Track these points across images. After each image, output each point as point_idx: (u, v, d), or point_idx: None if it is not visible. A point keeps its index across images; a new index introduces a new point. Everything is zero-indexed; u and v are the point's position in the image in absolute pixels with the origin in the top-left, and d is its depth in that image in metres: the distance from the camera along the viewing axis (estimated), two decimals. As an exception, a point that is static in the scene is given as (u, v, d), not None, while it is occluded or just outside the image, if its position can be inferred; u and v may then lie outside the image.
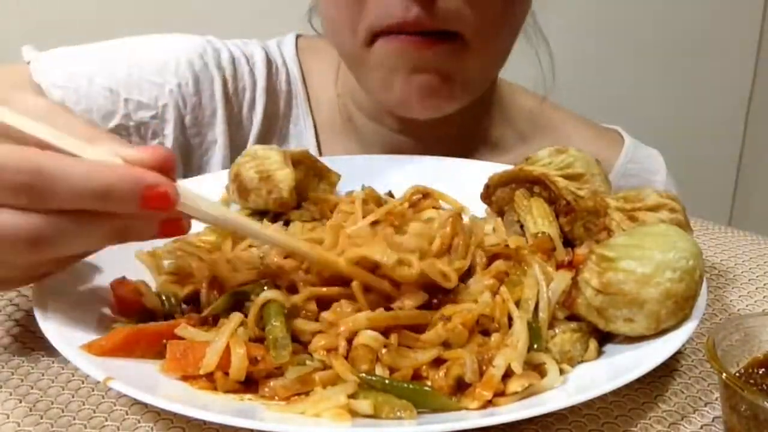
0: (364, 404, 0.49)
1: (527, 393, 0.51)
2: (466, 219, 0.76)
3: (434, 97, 0.86)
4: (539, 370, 0.53)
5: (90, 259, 0.65)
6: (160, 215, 0.53)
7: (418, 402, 0.50)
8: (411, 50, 0.82)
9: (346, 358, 0.54)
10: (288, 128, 1.04)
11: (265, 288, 0.58)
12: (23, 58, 0.94)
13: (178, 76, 0.96)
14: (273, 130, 1.03)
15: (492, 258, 0.63)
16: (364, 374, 0.52)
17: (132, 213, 0.51)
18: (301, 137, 1.03)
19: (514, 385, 0.51)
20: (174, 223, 0.54)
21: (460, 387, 0.52)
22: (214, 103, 0.99)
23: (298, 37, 1.09)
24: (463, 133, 1.01)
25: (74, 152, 0.50)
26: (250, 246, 0.67)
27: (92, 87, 0.92)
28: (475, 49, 0.84)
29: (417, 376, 0.53)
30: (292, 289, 0.59)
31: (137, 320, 0.59)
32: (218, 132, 0.99)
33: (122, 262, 0.66)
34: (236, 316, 0.55)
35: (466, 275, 0.61)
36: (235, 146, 1.00)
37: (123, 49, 0.97)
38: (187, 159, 0.99)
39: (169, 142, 0.97)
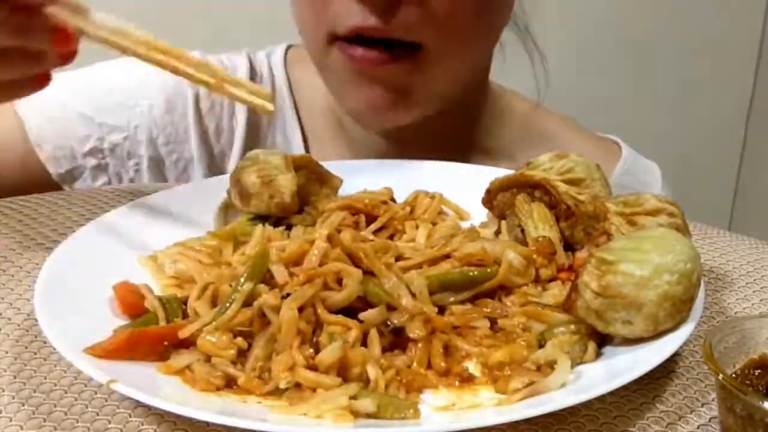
0: (367, 402, 0.49)
1: (529, 392, 0.51)
2: (467, 224, 0.77)
3: (385, 111, 0.87)
4: (544, 369, 0.54)
5: (93, 262, 0.66)
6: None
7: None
8: (365, 66, 0.83)
9: None
10: (275, 137, 1.05)
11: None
12: None
13: (149, 98, 0.98)
14: (258, 140, 1.04)
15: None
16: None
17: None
18: (290, 146, 1.04)
19: (514, 383, 0.51)
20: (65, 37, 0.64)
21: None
22: (186, 120, 1.01)
23: (289, 47, 1.09)
24: (454, 139, 1.01)
25: None
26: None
27: (66, 113, 0.96)
28: (438, 60, 0.84)
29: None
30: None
31: (139, 323, 0.59)
32: (193, 147, 1.01)
33: (124, 266, 0.67)
34: None
35: None
36: (220, 157, 1.03)
37: (94, 75, 1.00)
38: (165, 176, 1.02)
39: (144, 161, 1.00)
